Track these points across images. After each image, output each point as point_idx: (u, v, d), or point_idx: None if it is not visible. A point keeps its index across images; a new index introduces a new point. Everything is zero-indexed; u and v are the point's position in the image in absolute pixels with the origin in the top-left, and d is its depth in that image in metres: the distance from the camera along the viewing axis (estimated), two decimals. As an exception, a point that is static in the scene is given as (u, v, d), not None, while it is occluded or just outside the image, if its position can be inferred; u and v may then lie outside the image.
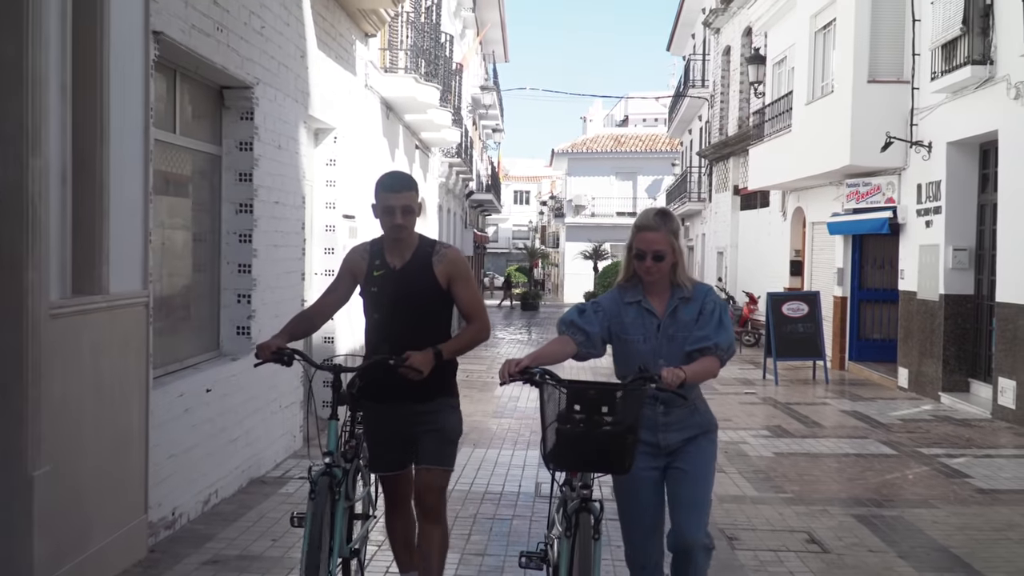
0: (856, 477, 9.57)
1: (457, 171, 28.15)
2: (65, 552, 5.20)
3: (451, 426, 5.06)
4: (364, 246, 5.19)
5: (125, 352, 5.91)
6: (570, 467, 4.28)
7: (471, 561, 6.47)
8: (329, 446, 4.79)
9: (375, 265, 5.03)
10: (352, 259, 5.14)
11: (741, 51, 28.81)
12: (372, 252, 5.09)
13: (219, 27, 7.49)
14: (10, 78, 4.71)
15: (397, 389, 4.86)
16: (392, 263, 5.00)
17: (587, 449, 4.09)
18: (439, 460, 4.98)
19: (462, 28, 29.90)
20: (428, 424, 4.96)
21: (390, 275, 4.98)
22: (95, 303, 5.49)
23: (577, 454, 4.13)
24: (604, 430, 4.05)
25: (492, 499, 8.19)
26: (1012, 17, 12.75)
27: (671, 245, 4.48)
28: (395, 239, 4.97)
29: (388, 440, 5.04)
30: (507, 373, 4.21)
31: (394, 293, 4.94)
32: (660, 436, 4.49)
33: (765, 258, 25.56)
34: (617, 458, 4.12)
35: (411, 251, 5.01)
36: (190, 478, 7.07)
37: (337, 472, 4.75)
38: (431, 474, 4.95)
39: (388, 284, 4.96)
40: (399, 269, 4.98)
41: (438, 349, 4.81)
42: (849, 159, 17.09)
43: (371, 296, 5.03)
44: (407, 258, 4.99)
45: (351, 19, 12.13)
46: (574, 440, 4.07)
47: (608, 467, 4.20)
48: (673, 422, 4.50)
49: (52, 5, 4.94)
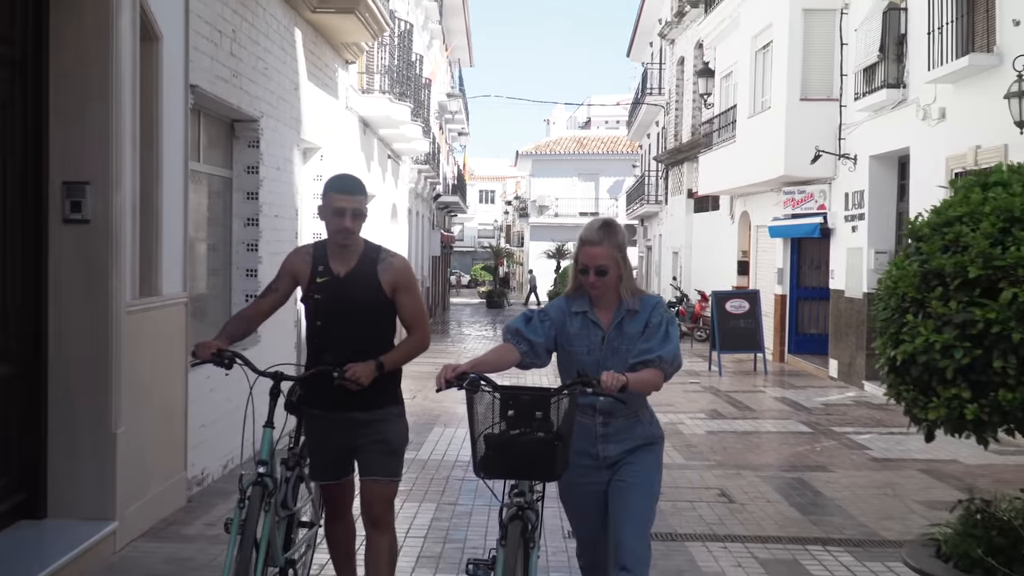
0: (772, 450, 11.25)
1: (425, 176, 29.74)
2: (133, 495, 6.73)
3: (396, 436, 4.96)
4: (307, 248, 5.07)
5: (171, 341, 7.46)
6: (499, 474, 4.21)
7: (446, 508, 8.05)
8: (262, 455, 4.68)
9: (319, 271, 4.89)
10: (294, 261, 5.01)
11: (693, 63, 30.48)
12: (316, 256, 4.95)
13: (234, 74, 9.03)
14: (100, 135, 6.26)
15: (339, 397, 4.77)
16: (336, 270, 4.88)
17: (515, 455, 4.06)
18: (384, 471, 4.91)
19: (429, 39, 31.42)
20: (372, 434, 4.88)
21: (334, 282, 4.86)
22: (153, 303, 7.05)
23: (505, 461, 4.09)
24: (531, 436, 4.03)
25: (461, 465, 9.76)
26: (921, 46, 14.45)
27: (614, 259, 4.42)
28: (341, 244, 4.85)
29: (330, 449, 4.97)
30: (443, 379, 4.14)
31: (337, 301, 4.83)
32: (599, 447, 4.46)
33: (716, 258, 27.24)
34: (546, 464, 4.08)
35: (356, 257, 4.89)
36: (215, 445, 8.60)
37: (268, 482, 4.61)
38: (377, 486, 4.90)
39: (331, 291, 4.85)
40: (343, 276, 4.86)
41: (380, 361, 4.74)
42: (784, 169, 18.83)
43: (314, 303, 4.91)
44: (352, 265, 4.88)
45: (335, 51, 13.70)
46: (501, 447, 4.06)
47: (537, 474, 4.17)
48: (612, 433, 4.46)
49: (126, 77, 6.47)
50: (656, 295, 4.78)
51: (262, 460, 4.66)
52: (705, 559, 6.80)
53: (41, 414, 6.35)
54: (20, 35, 6.13)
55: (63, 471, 6.38)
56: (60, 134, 6.28)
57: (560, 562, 6.66)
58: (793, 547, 7.13)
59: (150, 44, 6.94)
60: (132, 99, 6.59)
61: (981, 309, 3.75)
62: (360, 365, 4.67)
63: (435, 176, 32.06)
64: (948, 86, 13.49)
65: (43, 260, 6.31)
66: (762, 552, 7.00)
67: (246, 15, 9.37)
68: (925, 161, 14.52)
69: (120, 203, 6.39)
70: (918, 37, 14.53)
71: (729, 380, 18.13)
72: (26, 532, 6.19)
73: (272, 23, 10.33)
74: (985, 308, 3.74)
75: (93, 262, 6.33)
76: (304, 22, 11.76)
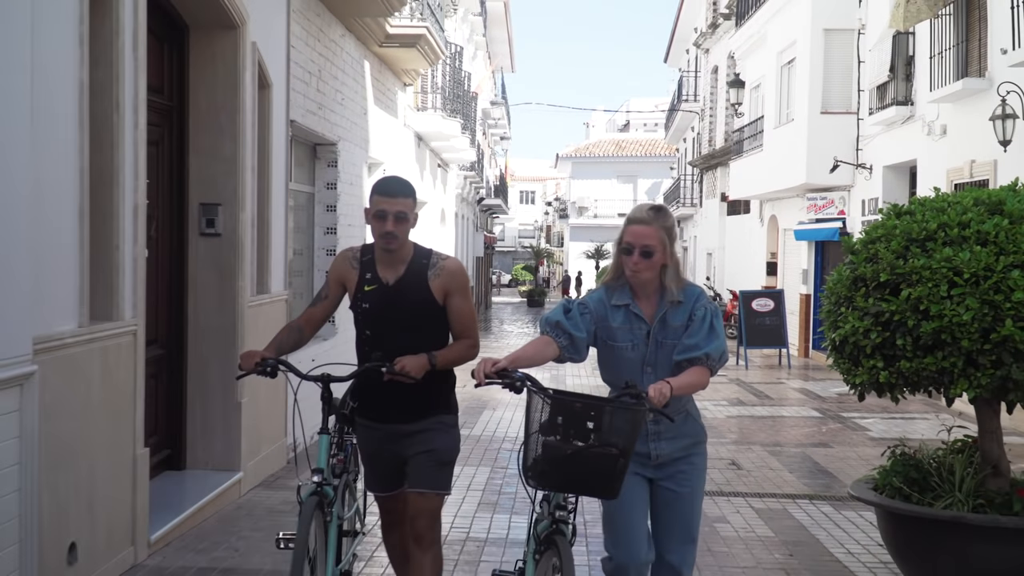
0: (782, 430, 12.78)
1: (471, 181, 31.45)
2: (251, 452, 8.40)
3: (446, 447, 4.75)
4: (353, 253, 4.85)
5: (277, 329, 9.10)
6: (552, 486, 4.03)
7: (499, 471, 9.65)
8: (319, 463, 4.57)
9: (366, 279, 4.70)
10: (341, 267, 4.82)
11: (726, 72, 31.93)
12: (363, 263, 4.74)
13: (319, 107, 10.70)
14: (231, 167, 7.93)
15: (390, 406, 4.66)
16: (385, 277, 4.67)
17: (572, 469, 3.83)
18: (431, 484, 4.69)
19: (474, 51, 33.10)
20: (420, 445, 4.69)
21: (382, 291, 4.66)
22: (265, 299, 8.73)
23: (561, 473, 3.87)
24: (593, 450, 3.79)
25: (510, 440, 11.35)
26: (926, 68, 15.88)
27: (662, 242, 4.19)
28: (385, 250, 4.63)
29: (380, 460, 4.83)
30: (483, 373, 3.97)
31: (387, 310, 4.65)
32: (651, 446, 4.27)
33: (747, 259, 28.68)
34: (605, 481, 3.86)
35: (405, 264, 4.67)
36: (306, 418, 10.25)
37: (328, 491, 4.53)
38: (423, 499, 4.67)
39: (380, 301, 4.66)
40: (392, 284, 4.66)
41: (433, 355, 4.57)
42: (805, 178, 20.31)
43: (362, 312, 4.71)
44: (400, 272, 4.66)
45: (396, 76, 15.39)
46: (560, 459, 3.83)
47: (595, 490, 3.93)
48: (664, 431, 4.26)
49: (248, 118, 8.14)
50: (698, 285, 4.48)
51: (318, 468, 4.55)
52: (710, 507, 8.33)
53: (182, 387, 8.04)
54: (168, 88, 7.80)
55: (199, 432, 8.07)
56: (198, 165, 7.97)
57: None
58: (784, 500, 8.69)
59: (264, 91, 8.62)
60: (252, 136, 8.25)
61: (888, 303, 5.28)
62: (411, 357, 4.50)
63: (479, 181, 33.77)
64: (948, 105, 14.92)
65: (184, 265, 8.00)
66: (758, 504, 8.55)
67: (327, 55, 11.03)
68: (930, 172, 15.93)
69: (244, 219, 8.05)
70: (923, 60, 15.97)
71: (755, 373, 19.61)
72: (171, 480, 7.88)
73: (347, 59, 11.99)
74: (891, 303, 5.27)
75: (223, 267, 8.00)
76: (372, 55, 13.44)
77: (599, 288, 4.43)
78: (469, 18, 28.56)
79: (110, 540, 5.91)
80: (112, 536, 5.93)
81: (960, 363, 5.12)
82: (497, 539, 7.38)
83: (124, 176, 5.94)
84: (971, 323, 5.02)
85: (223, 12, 7.69)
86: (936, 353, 5.17)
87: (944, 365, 5.16)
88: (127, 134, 5.98)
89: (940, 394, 5.41)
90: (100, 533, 5.77)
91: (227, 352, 8.01)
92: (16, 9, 4.68)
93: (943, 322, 5.08)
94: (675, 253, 4.29)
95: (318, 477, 4.51)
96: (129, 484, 6.19)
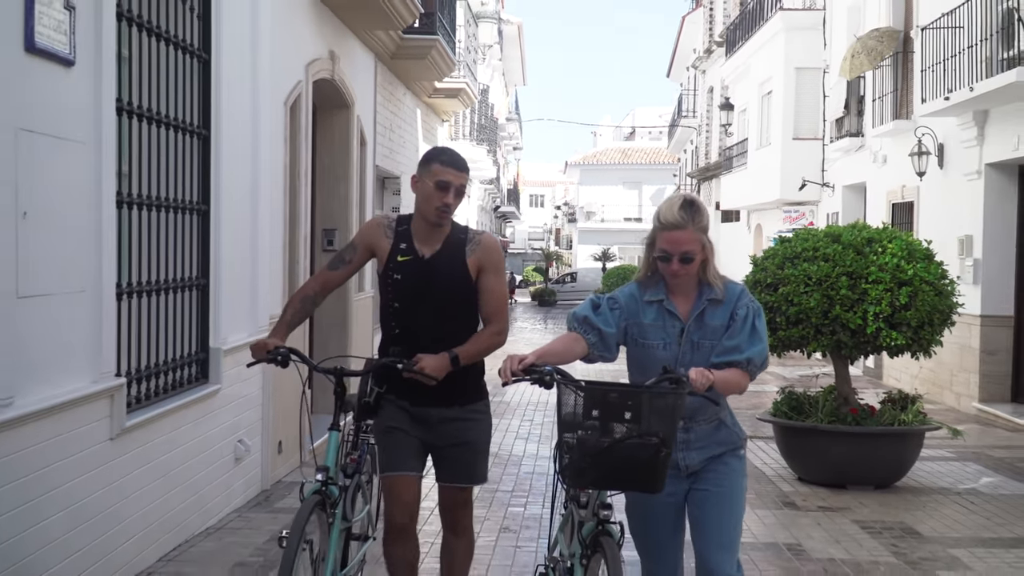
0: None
1: (489, 193, 34.99)
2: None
3: (479, 437, 4.63)
4: (387, 220, 4.68)
5: (367, 318, 12.62)
6: (592, 484, 3.82)
7: (525, 426, 13.05)
8: (327, 460, 4.34)
9: (400, 249, 4.51)
10: (373, 234, 4.62)
11: (719, 95, 35.22)
12: (398, 232, 4.56)
13: (390, 151, 14.21)
14: (343, 203, 11.43)
15: (419, 393, 4.44)
16: (421, 250, 4.49)
17: (613, 464, 3.61)
18: (468, 478, 4.60)
19: (491, 73, 36.60)
20: (451, 436, 4.54)
21: (417, 263, 4.47)
22: (362, 296, 12.23)
23: (602, 470, 3.65)
24: (633, 442, 3.58)
25: (541, 408, 14.68)
26: (870, 108, 19.29)
27: (700, 243, 3.95)
28: (434, 223, 4.46)
29: (402, 438, 4.53)
30: (509, 371, 3.76)
31: (419, 284, 4.46)
32: (680, 455, 3.99)
33: (738, 263, 31.99)
34: (649, 474, 3.65)
35: (442, 239, 4.51)
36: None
37: (332, 490, 4.31)
38: (460, 492, 4.61)
39: (414, 273, 4.47)
40: (428, 258, 4.49)
41: (455, 354, 4.38)
42: (780, 194, 23.79)
43: (392, 283, 4.51)
44: (437, 247, 4.50)
45: (437, 115, 18.92)
46: (598, 453, 3.61)
47: (638, 484, 3.74)
48: (694, 440, 4.02)
49: (354, 167, 11.63)
50: (740, 283, 4.27)
51: (324, 466, 4.32)
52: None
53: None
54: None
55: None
56: (322, 201, 11.46)
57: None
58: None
59: (363, 147, 12.13)
60: (357, 179, 11.75)
61: (772, 296, 8.75)
62: (431, 357, 4.34)
63: (496, 192, 37.31)
64: (887, 139, 18.32)
65: (313, 273, 11.49)
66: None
67: (394, 111, 14.53)
68: (874, 192, 19.37)
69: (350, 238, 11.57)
70: (869, 101, 19.42)
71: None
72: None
73: (406, 110, 15.50)
74: (773, 296, 8.75)
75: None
76: (422, 104, 16.97)
77: (631, 283, 4.19)
78: (490, 51, 32.08)
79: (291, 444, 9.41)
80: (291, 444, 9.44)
81: (811, 332, 8.61)
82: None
83: (301, 217, 9.45)
84: (816, 308, 8.50)
85: (341, 97, 11.19)
86: (798, 327, 8.65)
87: (803, 334, 8.65)
88: (301, 188, 9.49)
89: (803, 353, 8.88)
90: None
91: (341, 335, 11.49)
92: (261, 127, 8.22)
93: (801, 308, 8.56)
94: (712, 246, 4.09)
95: (322, 475, 4.30)
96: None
